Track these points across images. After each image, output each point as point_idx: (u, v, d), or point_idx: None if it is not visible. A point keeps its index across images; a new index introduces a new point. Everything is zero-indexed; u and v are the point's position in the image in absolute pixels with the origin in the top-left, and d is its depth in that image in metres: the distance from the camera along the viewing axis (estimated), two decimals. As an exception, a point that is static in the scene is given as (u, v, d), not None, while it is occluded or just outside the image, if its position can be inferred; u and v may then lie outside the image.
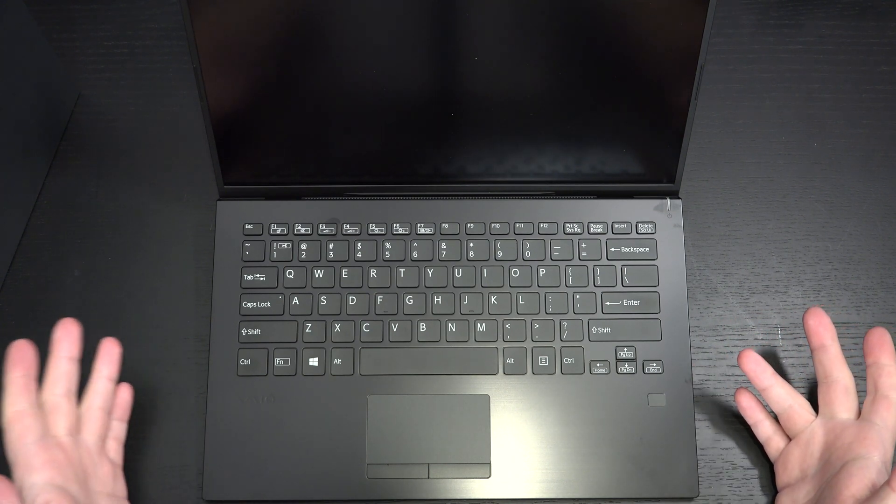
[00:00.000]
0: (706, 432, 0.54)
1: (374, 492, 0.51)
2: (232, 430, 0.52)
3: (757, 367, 0.49)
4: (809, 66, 0.65)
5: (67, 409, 0.46)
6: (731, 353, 0.56)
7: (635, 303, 0.54)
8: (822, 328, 0.48)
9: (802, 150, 0.62)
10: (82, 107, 0.64)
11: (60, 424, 0.46)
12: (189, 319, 0.57)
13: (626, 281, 0.55)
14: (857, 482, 0.43)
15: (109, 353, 0.50)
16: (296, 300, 0.55)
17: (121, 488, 0.48)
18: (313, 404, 0.53)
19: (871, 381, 0.47)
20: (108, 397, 0.49)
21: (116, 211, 0.60)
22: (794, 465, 0.48)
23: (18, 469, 0.43)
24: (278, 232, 0.56)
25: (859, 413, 0.47)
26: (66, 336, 0.47)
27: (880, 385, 0.47)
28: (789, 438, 0.50)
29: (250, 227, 0.56)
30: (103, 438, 0.48)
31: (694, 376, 0.55)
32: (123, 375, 0.55)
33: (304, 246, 0.56)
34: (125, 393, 0.51)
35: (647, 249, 0.56)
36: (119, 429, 0.50)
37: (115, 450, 0.49)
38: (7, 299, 0.58)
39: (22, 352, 0.45)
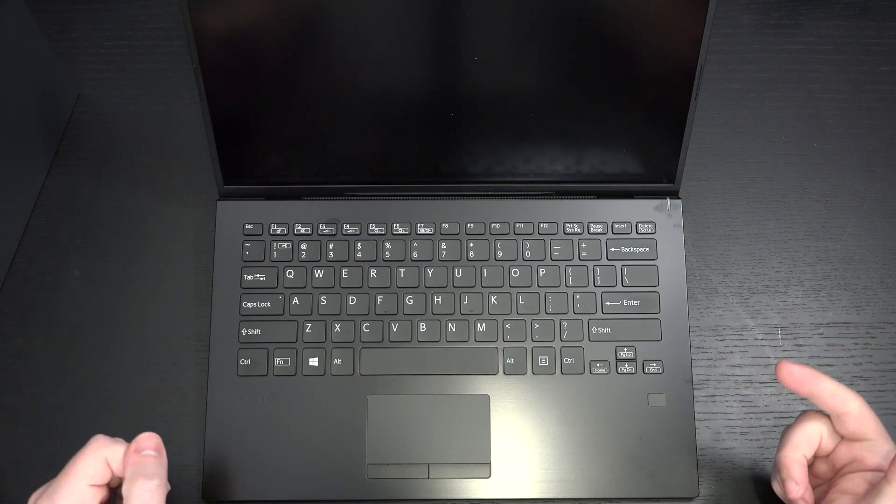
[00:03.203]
0: (706, 432, 0.54)
1: (374, 492, 0.51)
2: (232, 430, 0.52)
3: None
4: (809, 66, 0.65)
5: None
6: (731, 353, 0.56)
7: (635, 303, 0.54)
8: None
9: (802, 150, 0.62)
10: (82, 107, 0.64)
11: None
12: (189, 319, 0.57)
13: (626, 281, 0.55)
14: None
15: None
16: (296, 300, 0.55)
17: None
18: (313, 404, 0.53)
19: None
20: None
21: (116, 211, 0.60)
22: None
23: None
24: (278, 232, 0.56)
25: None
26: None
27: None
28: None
29: (250, 227, 0.56)
30: None
31: (694, 376, 0.55)
32: (123, 376, 0.56)
33: (304, 246, 0.56)
34: None
35: (647, 249, 0.56)
36: None
37: None
38: (7, 299, 0.58)
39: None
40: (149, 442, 0.42)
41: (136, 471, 0.40)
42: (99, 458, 0.41)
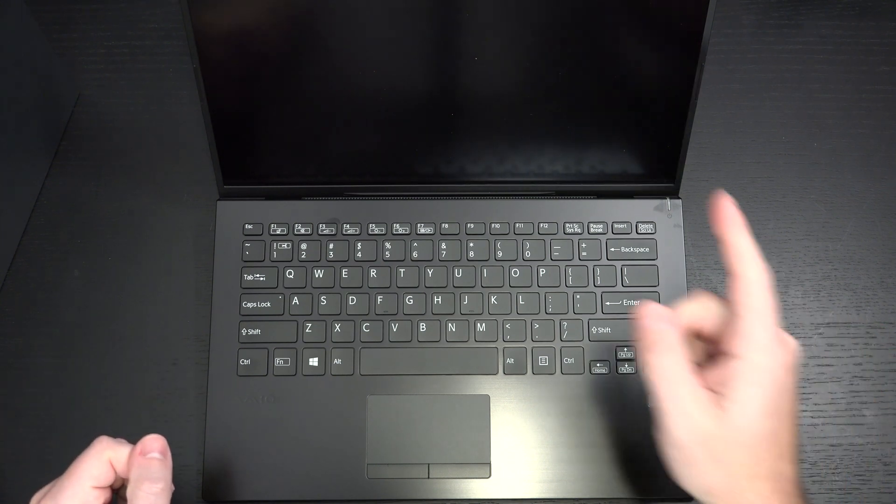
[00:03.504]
0: (706, 432, 0.54)
1: (374, 492, 0.51)
2: (232, 430, 0.52)
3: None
4: (809, 66, 0.65)
5: None
6: (731, 353, 0.56)
7: (635, 303, 0.54)
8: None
9: (802, 150, 0.62)
10: (82, 107, 0.64)
11: None
12: (189, 319, 0.57)
13: (626, 281, 0.55)
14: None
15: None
16: (296, 300, 0.55)
17: None
18: (313, 404, 0.53)
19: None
20: None
21: (116, 211, 0.60)
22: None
23: None
24: (278, 232, 0.56)
25: None
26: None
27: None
28: None
29: (250, 227, 0.56)
30: None
31: (694, 376, 0.55)
32: (123, 376, 0.56)
33: (304, 246, 0.56)
34: None
35: (647, 249, 0.56)
36: None
37: None
38: (7, 299, 0.58)
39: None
40: (155, 444, 0.42)
41: (142, 474, 0.41)
42: (103, 459, 0.41)
